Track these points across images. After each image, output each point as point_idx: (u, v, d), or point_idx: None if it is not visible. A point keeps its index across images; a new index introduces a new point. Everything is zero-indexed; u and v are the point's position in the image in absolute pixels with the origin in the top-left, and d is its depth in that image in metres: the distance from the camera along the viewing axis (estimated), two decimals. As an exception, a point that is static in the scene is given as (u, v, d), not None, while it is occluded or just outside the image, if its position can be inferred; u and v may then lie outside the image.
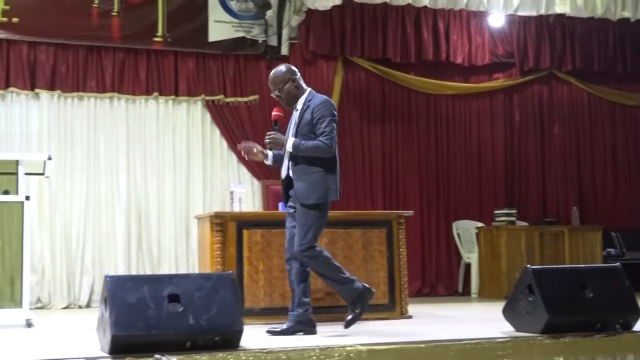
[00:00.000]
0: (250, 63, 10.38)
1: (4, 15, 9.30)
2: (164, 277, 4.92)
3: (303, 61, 10.60)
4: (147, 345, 4.46)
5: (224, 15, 10.17)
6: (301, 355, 4.55)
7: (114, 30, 9.75)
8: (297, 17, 10.46)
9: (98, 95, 9.75)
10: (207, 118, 10.18)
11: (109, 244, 9.59)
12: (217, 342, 4.62)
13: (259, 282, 6.79)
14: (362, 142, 10.79)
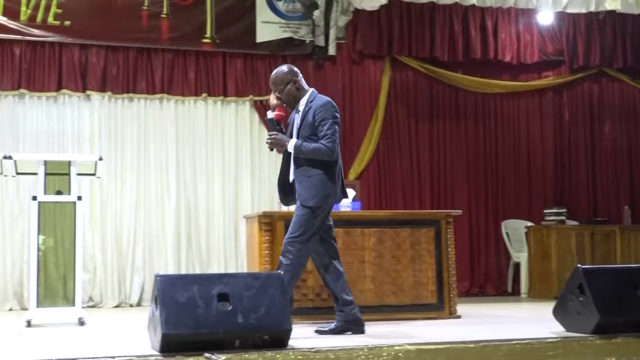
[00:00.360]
0: (297, 63, 10.32)
1: (56, 18, 9.45)
2: (214, 277, 4.96)
3: (350, 61, 10.61)
4: (197, 343, 4.51)
5: (271, 16, 10.22)
6: (349, 355, 4.55)
7: (163, 32, 9.85)
8: (344, 17, 10.47)
9: (148, 97, 9.86)
10: (255, 118, 10.23)
11: (159, 244, 9.69)
12: (266, 341, 4.66)
13: (307, 281, 6.80)
14: (410, 141, 10.75)
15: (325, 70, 10.49)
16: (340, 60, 10.57)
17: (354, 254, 6.93)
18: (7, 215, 9.20)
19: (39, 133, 9.46)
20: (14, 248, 9.19)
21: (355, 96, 10.59)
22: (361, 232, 6.99)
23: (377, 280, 6.98)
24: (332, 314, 5.99)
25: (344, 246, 6.87)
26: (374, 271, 6.96)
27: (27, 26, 9.36)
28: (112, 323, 7.09)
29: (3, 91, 9.37)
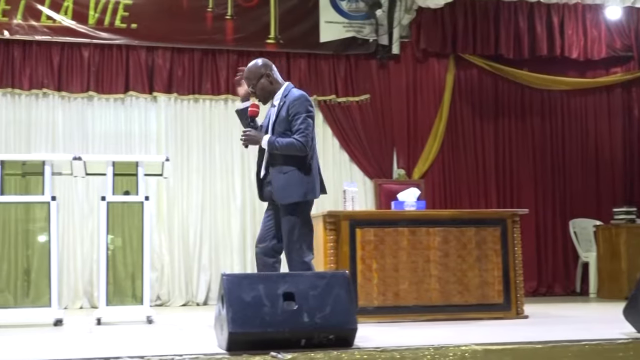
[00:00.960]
0: (361, 62, 10.41)
1: (123, 21, 9.60)
2: (279, 276, 4.98)
3: (414, 60, 10.57)
4: (263, 342, 4.53)
5: (334, 15, 10.23)
6: (415, 355, 4.53)
7: (227, 33, 9.94)
8: (408, 16, 10.42)
9: (213, 97, 9.96)
10: (319, 118, 10.23)
11: (224, 243, 9.77)
12: (332, 340, 4.65)
13: (372, 280, 6.79)
14: (475, 139, 10.66)
15: (389, 69, 10.46)
16: (404, 59, 10.53)
17: (419, 253, 6.90)
18: (77, 215, 9.37)
19: (107, 134, 9.63)
20: (84, 247, 9.36)
21: (419, 95, 10.54)
22: (426, 232, 6.95)
23: (443, 280, 6.93)
24: (397, 313, 5.97)
25: (409, 245, 6.85)
26: (439, 270, 6.92)
27: (95, 30, 9.53)
28: (180, 321, 7.17)
29: (72, 93, 9.55)
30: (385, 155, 10.31)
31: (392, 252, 6.83)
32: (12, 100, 9.42)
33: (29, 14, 9.36)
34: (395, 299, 6.80)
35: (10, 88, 9.38)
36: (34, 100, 9.48)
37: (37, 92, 9.46)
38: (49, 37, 9.43)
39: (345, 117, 10.24)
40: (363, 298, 6.75)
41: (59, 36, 9.46)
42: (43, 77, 9.47)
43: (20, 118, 9.41)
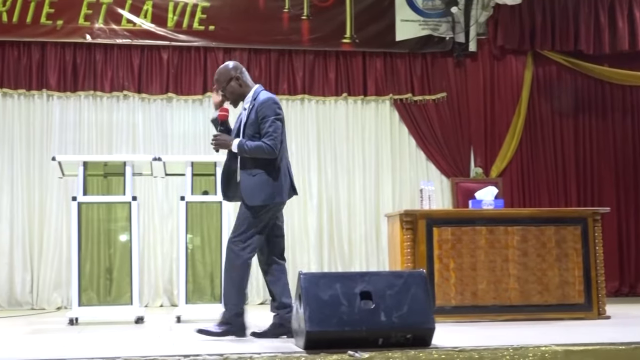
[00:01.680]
0: (437, 61, 10.35)
1: (201, 23, 9.74)
2: (356, 275, 4.99)
3: (491, 57, 10.46)
4: (340, 341, 4.54)
5: (410, 14, 10.19)
6: (494, 355, 4.49)
7: (303, 33, 9.99)
8: (485, 13, 10.31)
9: (290, 97, 10.02)
10: (395, 117, 10.23)
11: (301, 242, 9.82)
12: (409, 340, 4.65)
13: (450, 280, 6.75)
14: (554, 137, 10.49)
15: (466, 67, 10.38)
16: (481, 56, 10.43)
17: (498, 252, 6.82)
18: (157, 215, 9.53)
19: (186, 135, 9.77)
20: (164, 247, 9.51)
21: (497, 92, 10.43)
22: (504, 230, 6.87)
23: (522, 279, 6.84)
24: (475, 312, 5.93)
25: (487, 244, 6.78)
26: (518, 270, 6.83)
27: (174, 32, 9.69)
28: (257, 320, 7.22)
29: (152, 95, 9.73)
30: (463, 153, 10.23)
31: (469, 251, 6.77)
32: (94, 102, 9.63)
33: (110, 18, 9.56)
34: (473, 299, 6.75)
35: (92, 91, 9.60)
36: (115, 102, 9.68)
37: (118, 95, 9.65)
38: (129, 40, 9.61)
39: (421, 116, 10.20)
40: (440, 297, 6.70)
41: (138, 39, 9.64)
42: (124, 80, 9.66)
43: (102, 120, 9.62)
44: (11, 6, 9.35)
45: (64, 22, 9.45)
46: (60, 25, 9.44)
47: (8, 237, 9.24)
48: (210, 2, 9.77)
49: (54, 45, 9.54)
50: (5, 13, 9.34)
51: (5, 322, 7.37)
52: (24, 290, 9.20)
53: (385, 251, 9.49)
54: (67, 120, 9.53)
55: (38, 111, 9.50)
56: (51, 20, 9.43)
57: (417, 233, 6.75)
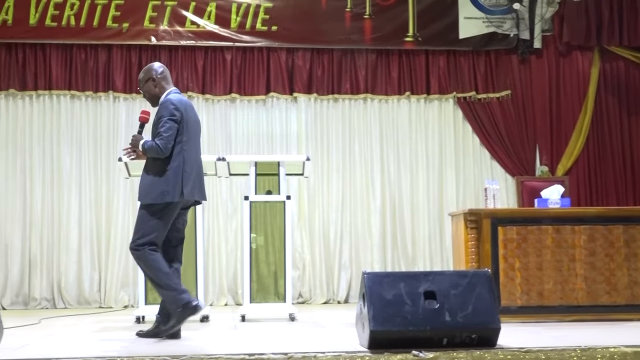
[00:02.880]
0: (501, 58, 10.24)
1: (264, 24, 9.79)
2: (420, 274, 4.96)
3: (557, 53, 10.31)
4: (404, 341, 4.54)
5: (474, 11, 10.10)
6: (561, 356, 4.43)
7: (366, 32, 9.98)
8: (550, 9, 10.18)
9: (352, 97, 10.02)
10: (458, 115, 10.16)
11: (365, 241, 9.81)
12: (474, 340, 4.62)
13: (515, 279, 6.67)
14: (622, 134, 10.29)
15: (530, 64, 10.25)
16: (546, 53, 10.29)
17: (564, 252, 6.72)
18: (221, 214, 9.62)
19: (250, 135, 9.84)
20: (228, 246, 9.60)
21: (563, 89, 10.27)
22: (571, 230, 6.76)
23: (590, 279, 6.73)
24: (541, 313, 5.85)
25: (554, 244, 6.69)
26: (585, 270, 6.72)
27: (237, 33, 9.76)
28: (321, 319, 7.25)
29: (216, 96, 9.82)
30: (528, 151, 10.11)
31: (535, 250, 6.69)
32: (159, 103, 9.76)
33: (174, 20, 9.68)
34: (540, 299, 6.66)
35: (157, 92, 9.71)
36: (180, 103, 9.78)
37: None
38: (193, 41, 9.72)
39: (485, 114, 10.10)
40: (506, 297, 6.63)
41: (202, 40, 9.74)
42: (188, 81, 9.77)
43: (167, 121, 9.72)
44: (78, 10, 9.53)
45: (130, 25, 9.60)
46: (125, 28, 9.59)
47: (77, 236, 9.42)
48: (273, 3, 9.83)
49: (120, 47, 9.69)
50: (73, 17, 9.52)
51: (74, 321, 7.51)
52: (92, 289, 9.37)
53: (449, 250, 9.44)
54: (133, 121, 9.65)
55: (105, 113, 9.67)
56: (117, 23, 9.58)
57: (482, 232, 6.69)
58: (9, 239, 9.34)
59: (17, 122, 9.55)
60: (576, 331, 5.74)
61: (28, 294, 9.30)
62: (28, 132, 9.54)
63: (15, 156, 9.48)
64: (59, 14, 9.49)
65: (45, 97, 9.59)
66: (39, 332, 6.26)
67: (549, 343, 4.80)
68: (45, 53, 9.60)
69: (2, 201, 9.39)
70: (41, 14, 9.47)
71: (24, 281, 9.33)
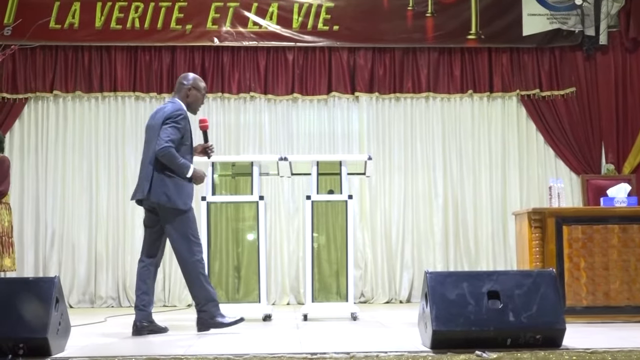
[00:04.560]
0: (566, 55, 10.09)
1: (325, 24, 9.81)
2: (483, 274, 4.92)
3: (623, 49, 10.12)
4: (467, 341, 4.50)
5: (537, 7, 9.97)
6: (628, 357, 4.35)
7: (428, 31, 9.93)
8: (616, 4, 9.99)
9: (414, 96, 9.98)
10: (522, 113, 10.05)
11: (427, 241, 9.77)
12: (539, 341, 4.56)
13: (581, 279, 6.57)
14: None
15: (596, 61, 10.08)
16: (612, 49, 10.10)
17: (631, 251, 6.60)
18: (283, 214, 9.67)
19: (311, 135, 9.87)
20: (290, 245, 9.64)
21: (629, 86, 10.08)
22: (638, 229, 6.63)
23: (658, 280, 6.60)
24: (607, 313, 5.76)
25: (620, 243, 6.57)
26: (653, 270, 6.60)
27: (299, 33, 9.80)
28: (383, 318, 7.23)
29: (278, 96, 9.87)
30: (593, 149, 9.95)
31: (601, 250, 6.58)
32: (222, 104, 9.86)
33: (236, 21, 9.76)
34: (606, 299, 6.55)
35: (220, 93, 9.82)
36: (242, 103, 9.87)
37: (244, 96, 9.84)
38: (255, 42, 9.79)
39: (549, 112, 9.97)
40: (571, 297, 6.54)
41: (264, 41, 9.80)
42: (250, 81, 9.84)
43: (230, 121, 9.83)
44: (143, 13, 9.67)
45: (193, 27, 9.71)
46: (189, 30, 9.70)
47: (141, 236, 9.33)
48: (334, 2, 9.84)
49: (183, 49, 9.81)
50: (137, 19, 9.66)
51: (139, 318, 7.60)
52: (157, 288, 9.45)
53: (512, 250, 9.33)
54: (196, 121, 9.75)
55: (168, 114, 9.77)
56: (180, 25, 9.70)
57: (546, 231, 6.61)
58: (76, 239, 9.53)
59: (84, 124, 9.74)
60: (644, 332, 5.64)
61: (94, 292, 9.48)
62: (94, 133, 9.72)
63: (81, 157, 9.66)
64: (123, 17, 9.64)
65: (110, 98, 9.76)
66: (105, 330, 6.37)
67: (615, 344, 4.72)
68: (110, 55, 9.77)
69: (69, 201, 9.58)
70: (106, 17, 9.63)
71: (90, 280, 9.51)
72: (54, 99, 9.73)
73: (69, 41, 9.67)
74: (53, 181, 9.62)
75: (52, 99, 9.73)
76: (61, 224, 9.55)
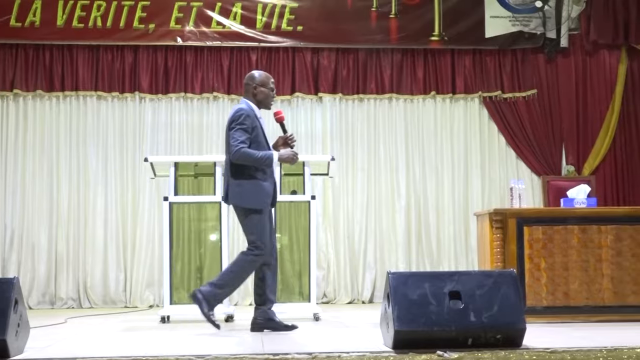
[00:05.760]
0: (528, 57, 10.18)
1: (289, 24, 9.80)
2: (445, 274, 4.95)
3: (584, 52, 10.24)
4: (429, 341, 4.53)
5: (500, 10, 10.05)
6: (587, 356, 4.40)
7: (392, 32, 9.96)
8: (577, 8, 10.10)
9: (377, 97, 10.00)
10: (484, 114, 10.12)
11: (389, 241, 9.79)
12: (500, 340, 4.60)
13: (541, 280, 6.63)
14: (650, 133, 10.22)
15: (557, 63, 10.19)
16: (573, 51, 10.22)
17: (591, 252, 6.67)
18: (246, 214, 9.62)
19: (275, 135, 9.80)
20: (253, 246, 9.59)
21: (590, 88, 10.20)
22: (598, 229, 6.71)
23: (616, 279, 6.67)
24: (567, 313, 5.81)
25: (580, 244, 6.65)
26: (612, 270, 6.67)
27: (263, 33, 9.78)
28: (346, 319, 7.24)
29: (241, 96, 9.74)
30: (554, 151, 10.05)
31: (561, 250, 6.65)
32: (185, 104, 9.80)
33: (200, 21, 9.71)
34: (565, 299, 6.62)
35: (183, 92, 9.76)
36: (205, 103, 9.83)
37: (208, 96, 9.80)
38: (219, 42, 9.75)
39: (511, 113, 10.05)
40: (531, 297, 6.60)
41: (228, 41, 9.77)
42: (214, 81, 9.80)
43: (193, 121, 9.78)
44: (105, 12, 9.59)
45: (156, 26, 9.65)
46: (152, 29, 9.64)
47: (102, 236, 9.48)
48: (298, 3, 9.83)
49: (146, 48, 9.74)
50: (99, 18, 9.58)
51: (99, 320, 7.56)
52: (118, 289, 9.42)
53: (474, 250, 9.40)
54: (159, 122, 9.74)
55: (131, 113, 9.72)
56: (143, 24, 9.63)
57: (507, 232, 6.66)
58: (36, 239, 9.42)
59: (44, 123, 9.63)
60: (602, 332, 5.69)
61: (54, 293, 9.37)
62: (55, 133, 9.62)
63: (42, 157, 9.56)
64: (85, 16, 9.56)
65: (72, 98, 9.67)
66: (65, 332, 6.31)
67: (574, 343, 4.77)
68: (72, 54, 9.68)
69: (30, 201, 9.47)
70: (68, 16, 9.54)
71: (51, 281, 9.40)
72: (14, 98, 9.61)
73: (30, 39, 9.56)
74: (13, 181, 9.50)
75: (12, 98, 9.61)
76: (21, 224, 9.44)
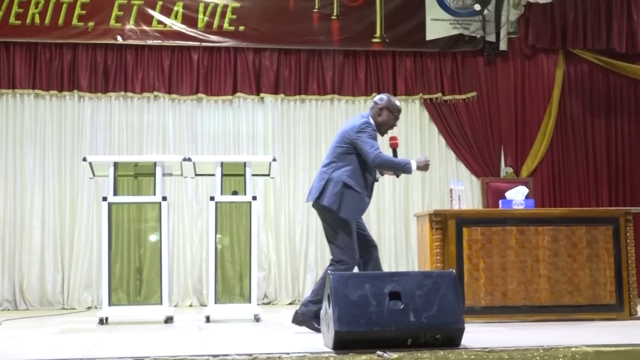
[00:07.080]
0: (468, 60, 10.29)
1: (231, 24, 9.77)
2: (385, 275, 4.98)
3: (522, 56, 10.39)
4: (369, 341, 4.54)
5: (441, 13, 10.15)
6: (524, 355, 4.46)
7: (334, 33, 9.99)
8: (515, 12, 10.25)
9: (319, 97, 10.02)
10: (425, 116, 10.20)
11: (331, 242, 9.80)
12: (438, 340, 4.63)
13: (480, 280, 6.71)
14: (586, 136, 10.39)
15: (496, 66, 10.33)
16: (511, 55, 10.37)
17: (528, 252, 6.78)
18: (186, 215, 9.57)
19: (216, 135, 9.81)
20: (193, 247, 9.55)
21: (528, 91, 10.36)
22: (535, 230, 6.82)
23: (553, 280, 6.79)
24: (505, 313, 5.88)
25: (518, 244, 6.74)
26: (549, 270, 6.79)
27: (204, 33, 9.73)
28: (287, 320, 7.23)
29: (182, 96, 9.77)
30: (493, 153, 10.18)
31: (499, 251, 6.74)
32: (125, 103, 9.69)
33: (140, 19, 9.62)
34: (503, 299, 6.71)
35: (123, 92, 9.66)
36: (146, 103, 9.73)
37: (148, 95, 9.71)
38: (159, 41, 9.67)
39: (451, 115, 10.15)
40: (470, 298, 6.68)
41: (169, 40, 9.69)
42: (154, 81, 9.71)
43: (133, 121, 9.68)
44: (43, 8, 9.43)
45: (95, 24, 9.53)
46: (91, 27, 9.52)
47: (39, 236, 9.32)
48: (240, 3, 9.80)
49: (85, 46, 9.61)
50: (37, 15, 9.43)
51: (36, 322, 7.44)
52: (55, 290, 9.28)
53: (414, 251, 9.46)
54: (98, 121, 9.61)
55: (69, 112, 9.58)
56: (82, 22, 9.50)
57: (447, 233, 6.72)
58: (-29, 239, 9.24)
59: (-20, 121, 9.45)
60: (539, 331, 5.78)
61: (-10, 295, 9.20)
62: (-9, 132, 9.44)
63: (-23, 156, 9.38)
64: (23, 12, 9.40)
65: (8, 96, 9.50)
66: (1, 334, 6.20)
67: (512, 343, 4.83)
68: (8, 51, 9.50)
69: (-36, 201, 9.29)
70: (5, 12, 9.37)
71: (-14, 282, 9.23)
72: (-51, 96, 9.43)
73: (-35, 36, 9.39)
74: (-53, 180, 9.31)
75: (-53, 95, 9.43)
76: (-45, 224, 9.26)
